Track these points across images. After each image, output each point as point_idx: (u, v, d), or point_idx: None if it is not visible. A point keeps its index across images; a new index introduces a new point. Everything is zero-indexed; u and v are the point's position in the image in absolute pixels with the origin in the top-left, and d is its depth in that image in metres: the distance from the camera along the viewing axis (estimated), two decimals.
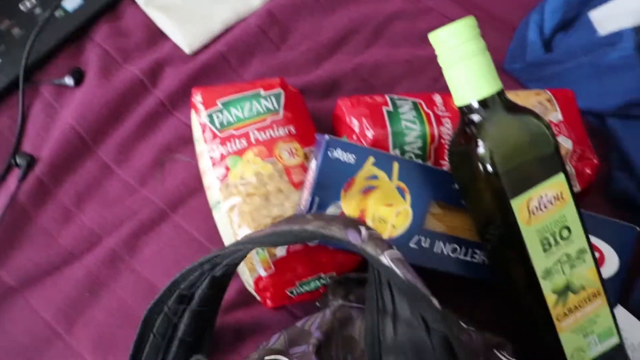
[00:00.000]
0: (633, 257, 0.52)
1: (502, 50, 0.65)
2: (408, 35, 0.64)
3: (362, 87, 0.61)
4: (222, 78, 0.61)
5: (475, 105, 0.42)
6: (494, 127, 0.42)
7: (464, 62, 0.42)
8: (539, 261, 0.43)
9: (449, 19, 0.66)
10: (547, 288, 0.43)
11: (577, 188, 0.52)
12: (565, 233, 0.43)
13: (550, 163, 0.42)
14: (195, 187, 0.55)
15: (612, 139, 0.60)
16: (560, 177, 0.43)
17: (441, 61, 0.43)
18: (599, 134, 0.61)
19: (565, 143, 0.52)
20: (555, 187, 0.43)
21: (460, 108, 0.43)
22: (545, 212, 0.42)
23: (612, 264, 0.51)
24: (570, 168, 0.52)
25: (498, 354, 0.41)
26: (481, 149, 0.41)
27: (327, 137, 0.45)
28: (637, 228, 0.51)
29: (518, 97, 0.54)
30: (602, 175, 0.59)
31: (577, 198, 0.43)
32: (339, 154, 0.45)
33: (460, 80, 0.42)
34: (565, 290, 0.44)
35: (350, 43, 0.64)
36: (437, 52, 0.43)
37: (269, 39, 0.63)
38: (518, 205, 0.42)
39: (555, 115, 0.53)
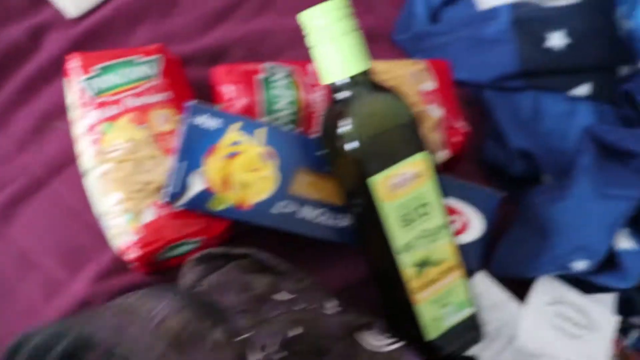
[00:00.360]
0: (496, 222, 0.55)
1: (392, 21, 0.67)
2: (298, 5, 0.64)
3: (249, 55, 0.61)
4: (107, 44, 0.60)
5: (342, 83, 0.43)
6: (358, 105, 0.43)
7: (332, 41, 0.43)
8: (398, 236, 0.45)
9: None
10: (406, 262, 0.45)
11: (448, 154, 0.55)
12: (424, 209, 0.45)
13: (410, 142, 0.44)
14: (73, 155, 0.55)
15: (486, 110, 0.63)
16: (420, 156, 0.45)
17: (310, 40, 0.44)
18: (476, 104, 0.64)
19: (436, 111, 0.55)
20: (415, 165, 0.45)
21: (328, 86, 0.44)
22: (404, 189, 0.44)
23: (476, 228, 0.55)
24: (441, 135, 0.55)
25: (358, 339, 0.41)
26: (344, 128, 0.43)
27: (191, 103, 0.45)
28: (501, 194, 0.55)
29: (395, 65, 0.56)
30: (476, 144, 0.62)
31: (437, 175, 0.46)
32: (203, 119, 0.46)
33: (328, 58, 0.43)
34: (423, 264, 0.46)
35: (240, 10, 0.64)
36: (306, 31, 0.44)
37: (156, 5, 0.62)
38: (378, 182, 0.43)
39: (429, 85, 0.56)
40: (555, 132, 0.60)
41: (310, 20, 0.43)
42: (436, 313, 0.47)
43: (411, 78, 0.55)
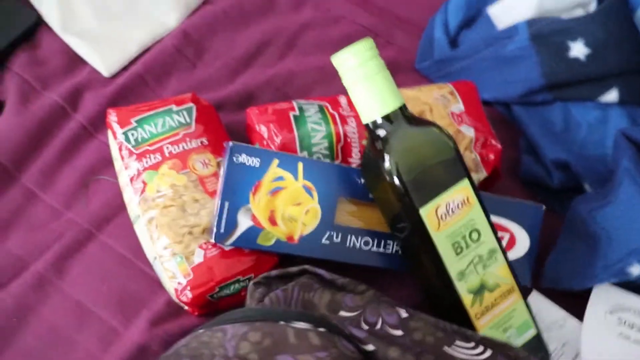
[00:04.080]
0: (542, 235, 0.55)
1: (412, 50, 0.68)
2: (320, 44, 0.67)
3: (277, 96, 0.63)
4: (141, 98, 0.62)
5: (380, 121, 0.44)
6: (398, 141, 0.44)
7: (364, 82, 0.44)
8: (453, 264, 0.45)
9: (359, 25, 0.69)
10: (463, 289, 0.45)
11: (484, 173, 0.55)
12: (475, 235, 0.45)
13: (453, 170, 0.45)
14: (119, 205, 0.56)
15: (518, 126, 0.63)
16: (464, 183, 0.45)
17: (345, 82, 0.45)
18: (508, 121, 0.64)
19: (468, 132, 0.55)
20: (460, 192, 0.45)
21: (367, 125, 0.45)
22: (453, 217, 0.45)
23: (523, 243, 0.54)
24: (475, 155, 0.55)
25: (448, 352, 0.40)
26: (387, 163, 0.43)
27: (231, 143, 0.46)
28: (544, 206, 0.54)
29: (421, 92, 0.57)
30: (513, 160, 0.62)
31: (483, 201, 0.46)
32: (243, 158, 0.47)
33: (364, 99, 0.44)
34: (480, 290, 0.46)
35: (264, 55, 0.66)
36: (340, 74, 0.45)
37: (185, 57, 0.65)
38: (427, 213, 0.44)
39: (457, 107, 0.56)
40: (590, 140, 0.60)
41: (342, 62, 0.44)
42: (499, 337, 0.46)
43: (439, 102, 0.56)
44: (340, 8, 0.70)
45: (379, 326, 0.40)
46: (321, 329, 0.37)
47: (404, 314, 0.41)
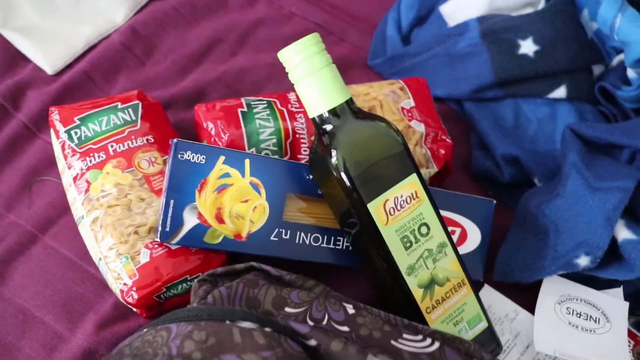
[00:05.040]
0: (493, 230, 0.55)
1: (365, 48, 0.68)
2: (272, 41, 0.66)
3: (228, 93, 0.62)
4: (87, 97, 0.60)
5: (326, 115, 0.44)
6: (344, 135, 0.43)
7: (310, 77, 0.43)
8: (402, 259, 0.44)
9: (312, 22, 0.69)
10: (413, 283, 0.45)
11: (435, 168, 0.55)
12: (424, 230, 0.45)
13: (401, 164, 0.44)
14: (63, 206, 0.54)
15: (470, 122, 0.64)
16: (413, 177, 0.45)
17: (291, 77, 0.44)
18: (459, 118, 0.65)
19: (418, 127, 0.55)
20: (409, 187, 0.45)
21: (313, 119, 0.44)
22: (402, 212, 0.44)
23: (474, 238, 0.54)
24: (425, 150, 0.55)
25: (396, 344, 0.40)
26: (334, 158, 0.43)
27: (175, 140, 0.45)
28: (494, 201, 0.55)
29: (372, 88, 0.56)
30: (464, 156, 0.63)
31: (432, 195, 0.46)
32: (189, 155, 0.45)
33: (310, 93, 0.44)
34: (430, 284, 0.46)
35: (216, 52, 0.65)
36: (287, 69, 0.44)
37: (133, 54, 0.63)
38: (375, 207, 0.43)
39: (407, 102, 0.56)
40: (539, 136, 0.61)
41: (287, 57, 0.44)
42: (450, 331, 0.46)
43: (389, 98, 0.56)
44: (293, 5, 0.70)
45: (325, 322, 0.40)
46: (267, 329, 0.37)
47: (351, 310, 0.41)
